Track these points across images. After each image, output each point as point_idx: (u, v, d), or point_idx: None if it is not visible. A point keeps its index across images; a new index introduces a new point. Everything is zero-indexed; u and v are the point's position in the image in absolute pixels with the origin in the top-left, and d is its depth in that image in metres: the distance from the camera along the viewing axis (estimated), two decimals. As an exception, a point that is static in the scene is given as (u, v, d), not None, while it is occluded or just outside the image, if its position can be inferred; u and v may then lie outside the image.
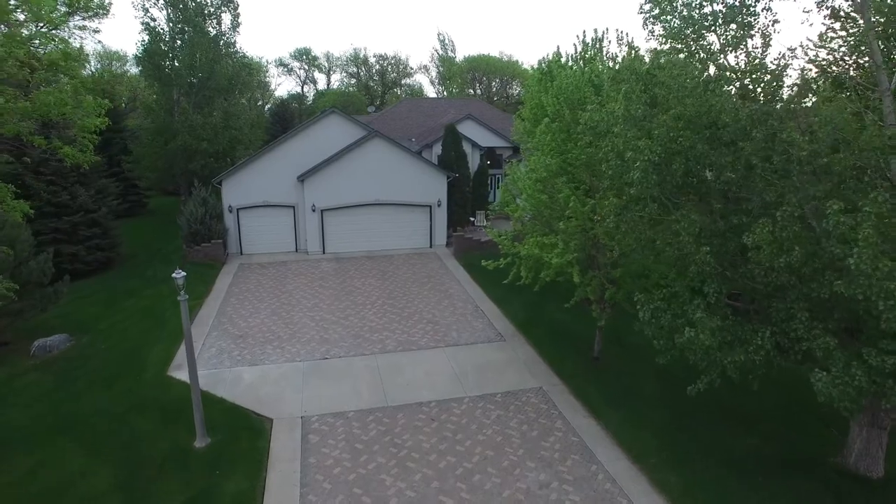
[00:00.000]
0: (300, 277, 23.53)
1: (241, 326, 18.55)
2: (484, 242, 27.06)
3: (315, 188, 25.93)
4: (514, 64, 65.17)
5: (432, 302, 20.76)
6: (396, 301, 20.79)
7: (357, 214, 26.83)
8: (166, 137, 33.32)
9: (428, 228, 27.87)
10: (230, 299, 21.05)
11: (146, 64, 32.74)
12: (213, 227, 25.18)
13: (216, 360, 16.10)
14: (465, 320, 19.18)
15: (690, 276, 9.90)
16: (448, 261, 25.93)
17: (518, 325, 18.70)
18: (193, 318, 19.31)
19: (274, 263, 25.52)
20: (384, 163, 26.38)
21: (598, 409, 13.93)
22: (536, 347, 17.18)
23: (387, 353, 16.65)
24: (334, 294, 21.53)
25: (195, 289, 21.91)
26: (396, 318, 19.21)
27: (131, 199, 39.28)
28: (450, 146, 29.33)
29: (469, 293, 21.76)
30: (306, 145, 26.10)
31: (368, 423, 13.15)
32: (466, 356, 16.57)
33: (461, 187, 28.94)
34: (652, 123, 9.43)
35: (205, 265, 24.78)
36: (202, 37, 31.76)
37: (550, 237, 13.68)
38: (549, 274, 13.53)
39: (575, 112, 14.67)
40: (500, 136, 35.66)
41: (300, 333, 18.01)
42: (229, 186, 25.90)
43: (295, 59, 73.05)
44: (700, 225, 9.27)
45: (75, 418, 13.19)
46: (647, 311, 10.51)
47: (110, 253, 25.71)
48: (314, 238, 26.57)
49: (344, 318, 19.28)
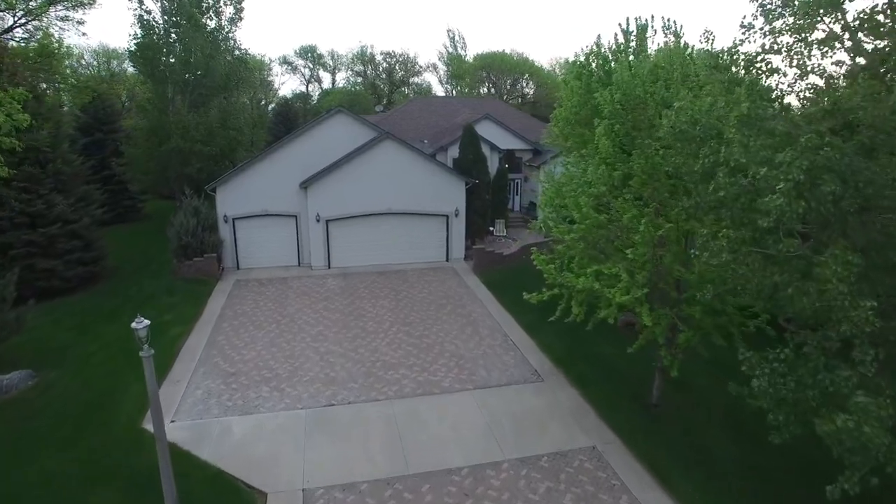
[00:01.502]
0: (303, 297, 20.93)
1: (234, 361, 15.97)
2: (507, 256, 24.42)
3: (319, 196, 23.33)
4: (526, 62, 62.43)
5: (454, 329, 18.11)
6: (412, 328, 18.15)
7: (366, 225, 24.22)
8: (160, 138, 30.78)
9: (444, 240, 25.23)
10: (223, 325, 18.47)
11: (138, 59, 30.20)
12: (205, 239, 22.62)
13: (202, 407, 13.51)
14: (494, 353, 16.53)
15: (833, 335, 7.22)
16: (467, 277, 23.28)
17: (556, 359, 16.03)
18: (180, 349, 16.76)
19: (274, 280, 22.94)
20: (397, 168, 23.76)
21: (668, 477, 11.27)
22: (581, 389, 14.52)
23: (404, 399, 14.01)
24: (341, 319, 18.91)
25: (183, 312, 19.37)
26: (413, 351, 16.58)
27: (125, 203, 36.94)
28: (468, 148, 26.69)
29: (495, 318, 19.10)
30: (310, 148, 23.50)
31: (386, 499, 10.53)
32: (499, 401, 13.92)
33: (480, 194, 26.28)
34: (786, 127, 6.78)
35: (197, 282, 22.22)
36: (198, 30, 29.18)
37: (610, 265, 11.02)
38: (610, 313, 10.87)
39: (636, 112, 12.03)
40: (519, 137, 33.02)
41: (302, 370, 15.41)
42: (224, 194, 23.33)
43: (299, 56, 70.60)
44: (860, 270, 6.60)
45: (17, 495, 10.60)
46: (763, 379, 7.82)
47: (93, 267, 23.17)
48: (318, 251, 23.97)
49: (352, 349, 16.67)
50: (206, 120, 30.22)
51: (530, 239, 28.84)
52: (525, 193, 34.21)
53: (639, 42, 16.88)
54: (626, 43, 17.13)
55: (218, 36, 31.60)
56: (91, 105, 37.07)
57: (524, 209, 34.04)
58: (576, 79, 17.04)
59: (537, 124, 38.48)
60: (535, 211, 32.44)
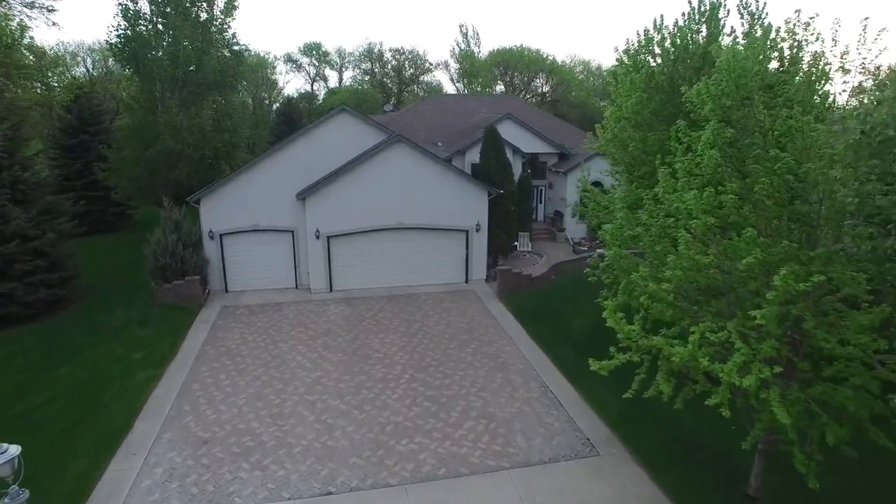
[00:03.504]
0: (299, 330, 17.75)
1: (209, 421, 12.80)
2: (536, 278, 21.13)
3: (319, 208, 20.15)
4: (545, 58, 58.96)
5: (480, 376, 14.86)
6: (430, 375, 14.91)
7: (373, 242, 21.01)
8: (148, 140, 27.72)
9: (463, 259, 21.97)
10: (201, 368, 15.32)
11: (121, 54, 27.18)
12: (187, 259, 19.50)
13: (158, 497, 10.33)
14: (533, 411, 13.24)
15: None
16: (491, 304, 20.00)
17: (612, 423, 12.70)
18: (146, 400, 13.65)
19: (266, 306, 19.77)
20: (409, 175, 20.54)
21: None
22: (651, 470, 11.20)
23: (423, 483, 10.77)
24: (343, 361, 15.71)
25: (156, 349, 16.28)
26: (432, 408, 13.34)
27: (113, 211, 34.08)
28: (490, 153, 23.42)
29: (528, 359, 15.82)
30: (309, 153, 20.33)
31: None
32: (547, 486, 10.64)
33: (504, 205, 23.00)
34: None
35: (176, 309, 19.11)
36: (185, 21, 26.07)
37: (717, 329, 7.71)
38: (722, 398, 7.54)
39: (741, 111, 8.74)
40: (543, 139, 29.71)
41: (293, 436, 12.20)
42: (210, 206, 20.20)
43: (304, 54, 67.51)
44: None
45: None
46: None
47: (60, 290, 20.13)
48: (318, 272, 20.78)
49: (357, 405, 13.46)
50: (198, 121, 27.18)
51: (559, 254, 25.57)
52: (550, 202, 30.88)
53: (713, 24, 13.55)
54: (695, 22, 13.79)
55: (210, 28, 28.50)
56: (76, 104, 34.21)
57: (549, 219, 30.72)
58: (634, 70, 13.71)
59: (560, 125, 35.15)
60: (560, 221, 29.14)
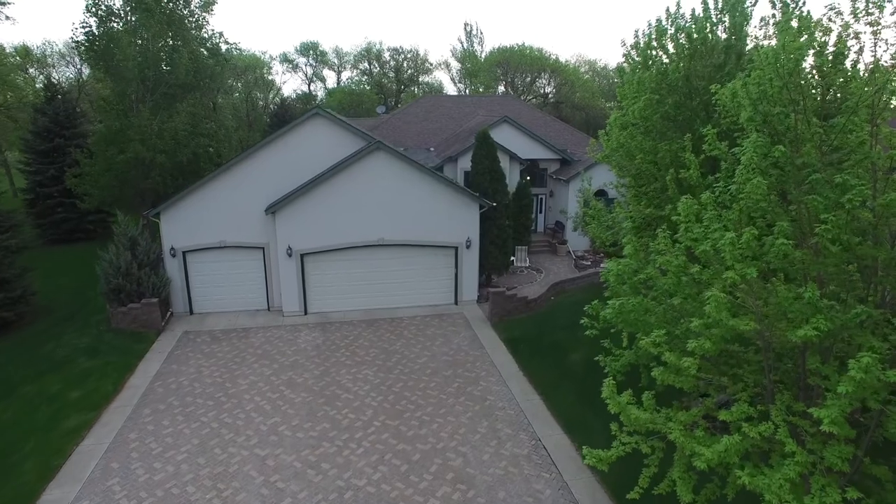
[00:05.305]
0: (262, 363, 15.76)
1: (138, 484, 10.82)
2: (532, 301, 19.05)
3: (291, 224, 18.16)
4: (547, 57, 56.73)
5: (462, 424, 12.80)
6: (404, 422, 12.87)
7: (352, 260, 18.99)
8: (121, 146, 25.85)
9: (452, 277, 19.91)
10: (143, 411, 13.37)
11: (88, 52, 25.31)
12: (144, 279, 17.56)
13: None
14: (521, 474, 11.17)
15: None
16: (481, 330, 17.93)
17: (617, 491, 10.61)
18: (68, 457, 11.70)
19: (232, 332, 17.80)
20: (392, 186, 18.51)
21: None
22: (661, 558, 9.11)
23: (380, 579, 8.75)
24: (307, 402, 13.70)
25: (98, 388, 14.35)
26: (402, 466, 11.30)
27: (90, 219, 32.25)
28: (483, 161, 21.32)
29: (519, 403, 13.73)
30: (280, 161, 18.34)
31: None
32: (533, 587, 8.59)
33: (498, 218, 20.92)
34: None
35: (132, 336, 17.18)
36: (150, 17, 24.12)
37: (757, 417, 5.62)
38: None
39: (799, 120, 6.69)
40: (543, 144, 27.58)
41: (232, 507, 10.22)
42: (171, 221, 18.24)
43: (300, 54, 65.59)
44: None
45: None
46: None
47: (6, 313, 18.31)
48: (291, 293, 18.78)
49: (314, 462, 11.44)
50: (171, 125, 25.30)
51: (560, 269, 23.48)
52: (550, 211, 28.76)
53: (738, 13, 11.42)
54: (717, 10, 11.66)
55: (185, 24, 26.57)
56: (50, 105, 32.43)
57: (549, 230, 28.60)
58: (644, 67, 11.61)
59: (563, 129, 32.98)
60: (562, 233, 27.02)
